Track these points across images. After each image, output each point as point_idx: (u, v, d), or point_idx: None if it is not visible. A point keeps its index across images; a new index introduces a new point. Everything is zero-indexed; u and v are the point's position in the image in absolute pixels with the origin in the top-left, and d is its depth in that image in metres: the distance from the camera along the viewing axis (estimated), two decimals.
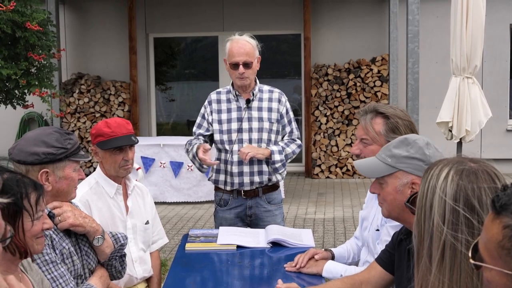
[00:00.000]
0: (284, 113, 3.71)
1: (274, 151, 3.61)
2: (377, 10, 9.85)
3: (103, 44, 10.19)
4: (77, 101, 9.88)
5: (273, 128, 3.67)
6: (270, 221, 3.65)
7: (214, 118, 3.68)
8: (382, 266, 2.29)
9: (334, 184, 9.22)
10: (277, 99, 3.70)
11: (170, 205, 7.84)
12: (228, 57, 3.63)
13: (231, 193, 3.68)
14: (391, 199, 2.10)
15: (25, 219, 1.80)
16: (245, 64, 3.57)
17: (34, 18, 6.08)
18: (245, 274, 2.78)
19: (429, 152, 2.05)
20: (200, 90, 10.99)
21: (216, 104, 3.72)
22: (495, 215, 1.20)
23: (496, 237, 1.18)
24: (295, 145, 3.73)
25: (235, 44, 3.62)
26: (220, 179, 3.69)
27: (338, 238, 6.29)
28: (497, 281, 1.19)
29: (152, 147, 7.80)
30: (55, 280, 2.16)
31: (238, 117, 3.64)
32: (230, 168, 3.63)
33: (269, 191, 3.71)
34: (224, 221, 3.69)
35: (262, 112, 3.65)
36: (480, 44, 5.09)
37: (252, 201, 3.67)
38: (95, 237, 2.42)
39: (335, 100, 9.61)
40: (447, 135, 5.24)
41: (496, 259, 1.19)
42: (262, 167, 3.63)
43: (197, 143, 3.61)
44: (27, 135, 2.41)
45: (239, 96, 3.68)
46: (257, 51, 3.66)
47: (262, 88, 3.73)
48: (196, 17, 10.06)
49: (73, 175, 2.40)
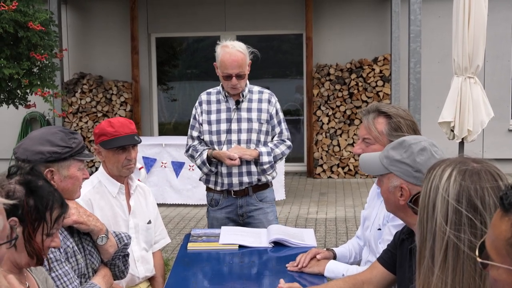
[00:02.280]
0: (274, 113, 3.70)
1: (263, 152, 3.61)
2: (379, 10, 9.85)
3: (105, 44, 10.20)
4: (79, 101, 9.89)
5: (263, 128, 3.66)
6: (262, 219, 3.64)
7: (204, 118, 3.69)
8: (384, 265, 2.29)
9: (336, 184, 9.22)
10: (267, 99, 3.69)
11: (171, 205, 7.84)
12: (220, 67, 3.59)
13: (222, 193, 3.69)
14: (386, 197, 2.15)
15: (40, 230, 1.81)
16: (238, 75, 3.56)
17: (36, 18, 6.09)
18: (247, 273, 2.78)
19: (420, 159, 2.05)
20: (202, 90, 10.78)
21: (206, 105, 3.72)
22: (504, 213, 1.20)
23: (504, 235, 1.18)
24: (284, 146, 3.71)
25: (227, 56, 3.54)
26: (211, 179, 3.70)
27: (340, 237, 6.29)
28: (504, 279, 1.19)
29: (153, 147, 7.79)
30: (59, 278, 2.17)
31: (228, 118, 3.64)
32: (220, 168, 3.63)
33: (260, 189, 3.70)
34: (215, 221, 3.69)
35: (251, 112, 3.65)
36: (482, 44, 5.08)
37: (242, 200, 3.67)
38: (99, 236, 2.43)
39: (337, 100, 9.61)
40: (449, 135, 5.23)
41: (504, 257, 1.18)
42: (250, 168, 3.62)
43: (205, 149, 3.62)
44: (32, 134, 2.42)
45: (228, 97, 3.68)
46: (247, 58, 3.63)
47: (252, 89, 3.72)
48: (198, 17, 10.07)
49: (78, 174, 2.41)
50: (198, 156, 3.64)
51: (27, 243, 1.78)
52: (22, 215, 1.77)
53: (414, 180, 2.05)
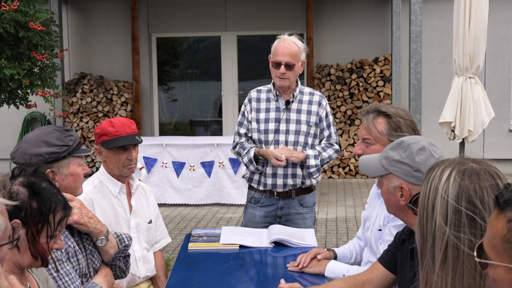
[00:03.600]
0: (324, 116, 3.63)
1: (310, 155, 3.55)
2: (379, 10, 9.85)
3: (106, 44, 10.21)
4: (80, 101, 9.90)
5: (311, 131, 3.60)
6: (300, 224, 3.59)
7: (253, 116, 3.63)
8: (385, 266, 2.30)
9: (337, 184, 9.22)
10: (317, 102, 3.63)
11: (172, 205, 7.85)
12: (272, 55, 3.55)
13: (264, 193, 3.64)
14: (386, 198, 2.15)
15: (43, 232, 1.81)
16: (287, 65, 3.49)
17: (37, 18, 6.09)
18: (248, 274, 2.78)
19: (420, 158, 2.05)
20: (203, 90, 11.00)
21: (256, 103, 3.65)
22: (499, 211, 1.21)
23: (501, 232, 1.19)
24: (332, 149, 3.65)
25: (282, 43, 3.52)
26: (254, 177, 3.65)
27: (341, 238, 6.29)
28: (503, 278, 1.20)
29: (154, 147, 7.79)
30: (61, 278, 2.17)
31: (276, 118, 3.58)
32: (264, 168, 3.59)
33: (303, 193, 3.65)
34: (253, 218, 3.64)
35: (300, 114, 3.59)
36: (483, 44, 5.08)
37: (284, 201, 3.62)
38: (98, 238, 2.43)
39: (338, 100, 9.61)
40: (449, 135, 5.24)
41: (502, 255, 1.19)
42: (296, 170, 3.57)
43: (252, 147, 3.58)
44: (27, 137, 2.39)
45: (279, 96, 3.62)
46: (303, 55, 3.57)
47: (303, 90, 3.66)
48: (198, 17, 10.07)
49: (79, 170, 2.41)
50: (245, 154, 3.58)
51: (31, 244, 1.78)
52: (25, 217, 1.77)
53: (414, 180, 2.05)
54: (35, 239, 1.78)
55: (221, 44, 10.28)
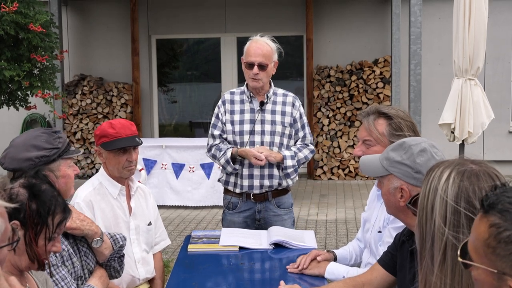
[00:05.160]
0: (298, 117, 3.65)
1: (287, 156, 3.56)
2: (379, 12, 9.85)
3: (106, 46, 10.21)
4: (80, 103, 9.90)
5: (286, 132, 3.61)
6: (279, 226, 3.57)
7: (227, 118, 3.63)
8: (384, 267, 2.30)
9: (337, 186, 9.22)
10: (291, 103, 3.65)
11: (171, 207, 7.84)
12: (245, 55, 3.58)
13: (240, 196, 3.63)
14: (386, 199, 2.15)
15: (42, 234, 1.81)
16: (260, 65, 3.52)
17: (37, 19, 6.10)
18: (248, 275, 2.78)
19: (420, 160, 2.05)
20: (203, 92, 11.01)
21: (230, 105, 3.66)
22: (483, 214, 1.23)
23: (482, 236, 1.20)
24: (307, 150, 3.66)
25: (254, 43, 3.56)
26: (230, 180, 3.64)
27: (340, 239, 6.29)
28: (483, 279, 1.21)
29: (154, 148, 7.79)
30: (56, 283, 2.15)
31: (251, 119, 3.59)
32: (241, 170, 3.59)
33: (279, 195, 3.65)
34: (232, 225, 3.63)
35: (275, 115, 3.60)
36: (483, 46, 5.08)
37: (261, 205, 3.62)
38: (93, 239, 2.42)
39: (337, 101, 9.62)
40: (449, 137, 5.23)
41: (482, 257, 1.21)
42: (273, 171, 3.58)
43: (229, 148, 3.58)
44: (15, 142, 2.35)
45: (253, 98, 3.63)
46: (275, 55, 3.60)
47: (277, 92, 3.69)
48: (198, 19, 10.07)
49: (69, 172, 2.39)
50: (222, 155, 3.57)
51: (28, 247, 1.78)
52: (24, 218, 1.76)
53: (414, 181, 2.05)
54: (32, 241, 1.78)
55: (221, 45, 10.28)
